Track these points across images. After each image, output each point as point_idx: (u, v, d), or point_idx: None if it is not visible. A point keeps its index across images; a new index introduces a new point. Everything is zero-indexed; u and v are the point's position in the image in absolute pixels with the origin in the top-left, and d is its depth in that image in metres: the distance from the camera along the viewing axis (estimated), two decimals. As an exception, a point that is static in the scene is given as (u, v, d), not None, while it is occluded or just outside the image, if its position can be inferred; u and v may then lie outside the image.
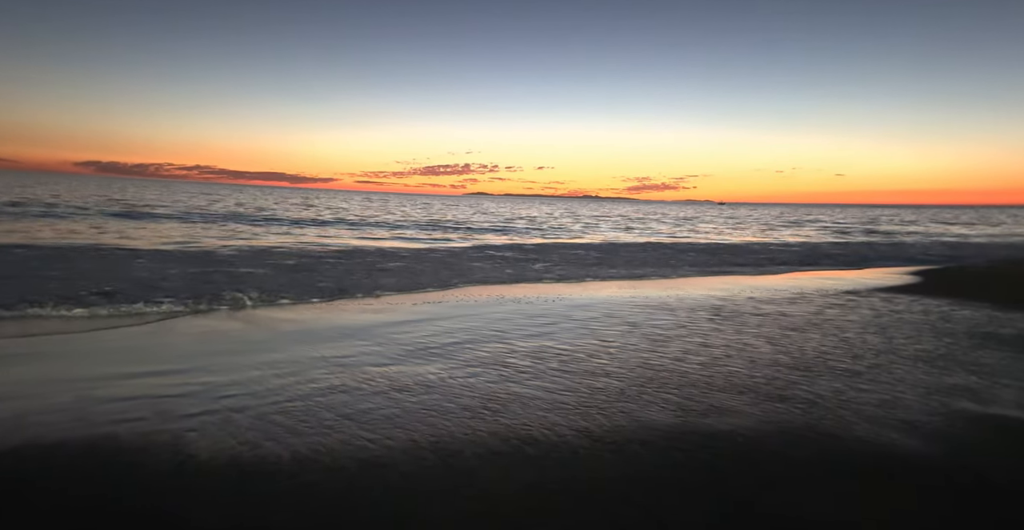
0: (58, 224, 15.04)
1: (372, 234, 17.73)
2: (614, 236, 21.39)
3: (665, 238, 21.39)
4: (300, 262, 10.66)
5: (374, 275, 9.45)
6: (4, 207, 19.45)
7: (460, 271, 10.12)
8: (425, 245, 15.26)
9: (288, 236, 15.91)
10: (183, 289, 7.15)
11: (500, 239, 17.86)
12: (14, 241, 11.06)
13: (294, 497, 2.43)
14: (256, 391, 3.59)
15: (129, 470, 2.54)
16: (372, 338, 5.14)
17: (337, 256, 11.94)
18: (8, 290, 6.33)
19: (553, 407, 3.54)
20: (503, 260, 11.92)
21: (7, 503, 2.25)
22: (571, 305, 7.10)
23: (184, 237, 14.13)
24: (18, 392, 3.36)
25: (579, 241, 18.42)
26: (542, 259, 12.28)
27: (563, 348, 4.96)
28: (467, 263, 11.28)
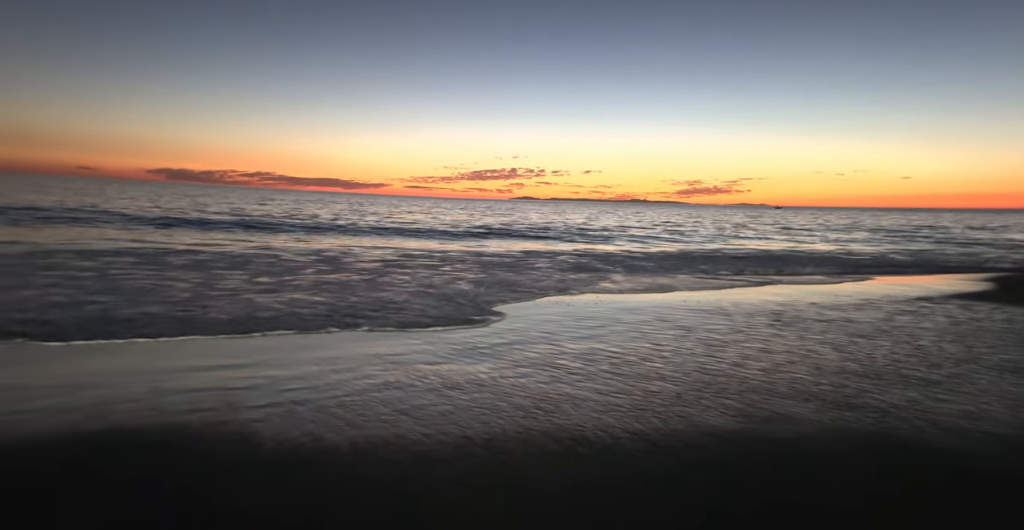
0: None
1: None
2: (664, 241, 20.95)
3: (719, 244, 20.76)
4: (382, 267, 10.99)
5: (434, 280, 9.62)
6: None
7: (509, 280, 10.17)
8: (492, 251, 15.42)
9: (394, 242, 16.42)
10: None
11: (564, 246, 17.84)
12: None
13: (352, 487, 2.49)
14: (316, 385, 3.71)
15: (200, 458, 2.67)
16: (422, 337, 5.21)
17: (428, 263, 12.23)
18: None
19: (606, 409, 3.49)
20: (555, 266, 11.88)
21: (94, 484, 2.40)
22: (619, 308, 6.98)
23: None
24: (100, 381, 3.60)
25: (625, 247, 18.13)
26: (587, 265, 12.15)
27: (614, 351, 4.88)
28: (524, 267, 11.33)
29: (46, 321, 4.85)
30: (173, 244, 11.61)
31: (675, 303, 7.51)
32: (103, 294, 6.13)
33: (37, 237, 11.30)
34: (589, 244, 18.10)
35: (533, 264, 11.57)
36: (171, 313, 5.42)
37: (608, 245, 18.07)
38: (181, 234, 14.02)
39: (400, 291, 7.46)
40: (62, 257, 8.76)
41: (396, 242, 15.66)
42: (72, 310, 5.29)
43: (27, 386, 3.42)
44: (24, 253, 8.97)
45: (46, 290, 6.16)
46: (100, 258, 8.85)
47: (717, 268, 12.27)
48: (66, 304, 5.54)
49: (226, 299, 6.27)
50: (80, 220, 15.25)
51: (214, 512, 2.24)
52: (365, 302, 6.56)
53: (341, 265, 10.01)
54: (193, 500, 2.31)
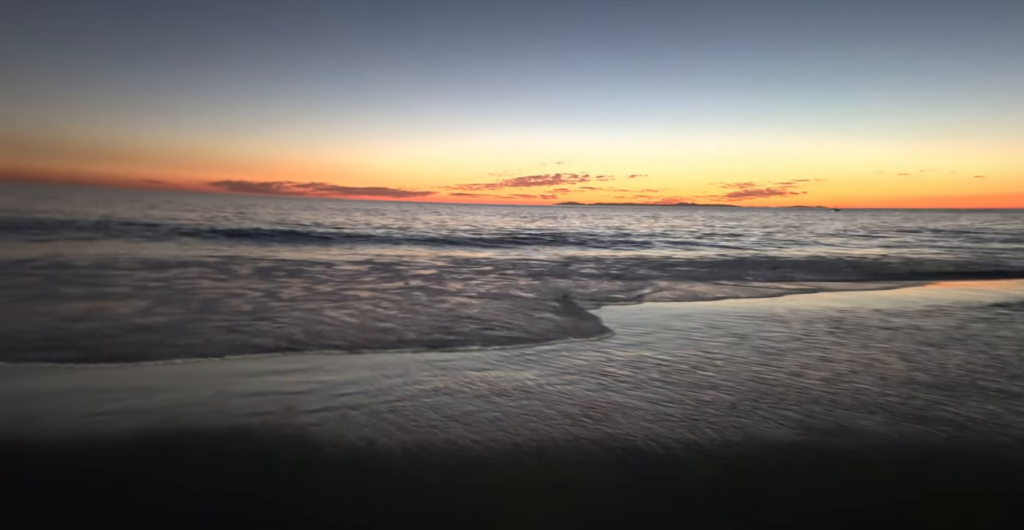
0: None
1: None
2: (710, 246, 20.39)
3: (770, 248, 20.03)
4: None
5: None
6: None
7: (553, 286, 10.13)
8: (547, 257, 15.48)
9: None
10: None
11: (596, 252, 17.69)
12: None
13: (405, 491, 2.54)
14: (368, 390, 3.80)
15: (263, 459, 2.78)
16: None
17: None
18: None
19: (657, 418, 3.41)
20: (598, 273, 11.76)
21: (167, 482, 2.54)
22: (666, 315, 6.83)
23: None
24: (171, 385, 3.80)
25: (670, 252, 17.75)
26: (631, 272, 11.96)
27: (663, 358, 4.77)
28: (563, 275, 11.28)
29: (118, 334, 5.18)
30: (260, 258, 12.16)
31: (725, 310, 7.29)
32: (174, 304, 6.49)
33: (118, 249, 12.08)
34: (633, 250, 17.82)
35: (577, 270, 11.48)
36: (238, 328, 5.67)
37: (652, 250, 17.74)
38: (272, 247, 14.68)
39: (453, 305, 7.56)
40: (125, 268, 9.33)
41: (445, 251, 15.88)
42: (146, 319, 5.63)
43: (103, 389, 3.65)
44: (97, 264, 9.61)
45: (124, 300, 6.59)
46: (170, 269, 9.38)
47: (768, 273, 11.83)
48: (140, 315, 5.90)
49: (297, 313, 6.51)
50: (151, 233, 16.22)
51: (276, 513, 2.32)
52: (434, 316, 6.68)
53: (399, 274, 10.23)
54: (256, 501, 2.41)
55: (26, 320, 5.26)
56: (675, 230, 30.69)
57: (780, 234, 29.02)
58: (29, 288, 6.93)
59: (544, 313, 6.70)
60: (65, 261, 9.61)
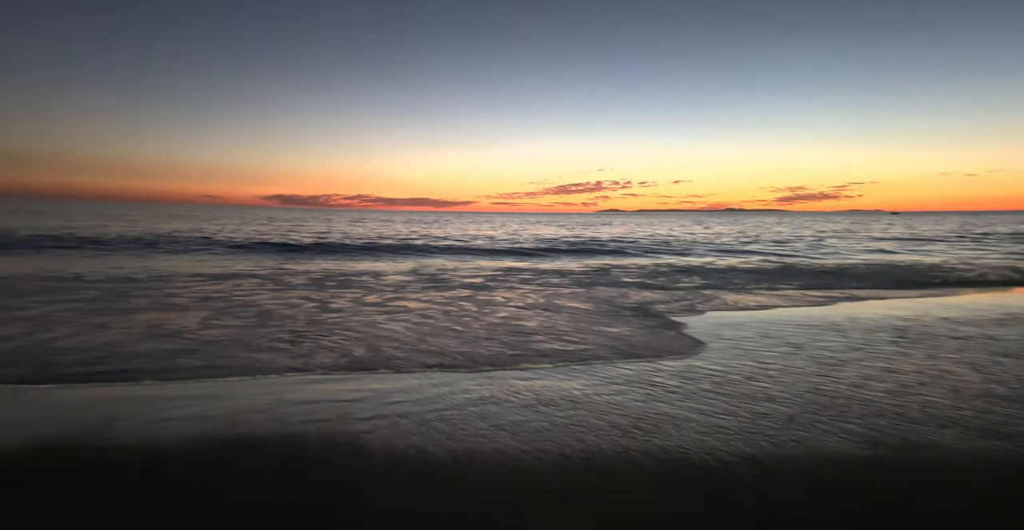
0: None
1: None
2: (758, 253, 19.75)
3: (823, 254, 19.24)
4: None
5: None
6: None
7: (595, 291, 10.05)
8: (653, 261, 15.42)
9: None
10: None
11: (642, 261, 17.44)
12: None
13: (454, 498, 2.55)
14: (417, 398, 3.85)
15: (318, 465, 2.85)
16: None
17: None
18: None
19: (710, 430, 3.32)
20: (639, 282, 11.58)
21: (230, 486, 2.65)
22: (715, 323, 6.64)
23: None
24: (232, 393, 3.97)
25: (715, 260, 17.29)
26: (673, 280, 11.71)
27: (714, 368, 4.64)
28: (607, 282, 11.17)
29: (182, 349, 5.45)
30: (312, 270, 12.60)
31: (778, 318, 7.03)
32: (230, 317, 6.79)
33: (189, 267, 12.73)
34: (676, 257, 17.46)
35: (618, 280, 11.34)
36: (295, 343, 5.86)
37: (696, 258, 17.33)
38: (329, 259, 15.23)
39: (502, 317, 7.59)
40: (186, 282, 9.81)
41: (489, 261, 16.00)
42: (207, 331, 5.91)
43: (167, 397, 3.83)
44: (157, 277, 10.16)
45: (191, 315, 6.93)
46: (229, 281, 9.82)
47: (820, 281, 11.35)
48: (202, 329, 6.20)
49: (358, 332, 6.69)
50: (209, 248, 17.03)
51: (332, 518, 2.38)
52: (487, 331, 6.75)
53: (446, 284, 10.37)
54: (313, 505, 2.47)
55: (95, 335, 5.60)
56: (720, 236, 29.91)
57: (833, 239, 27.84)
58: (96, 302, 7.38)
59: (589, 323, 6.64)
60: (130, 275, 10.20)
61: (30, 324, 5.73)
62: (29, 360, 4.50)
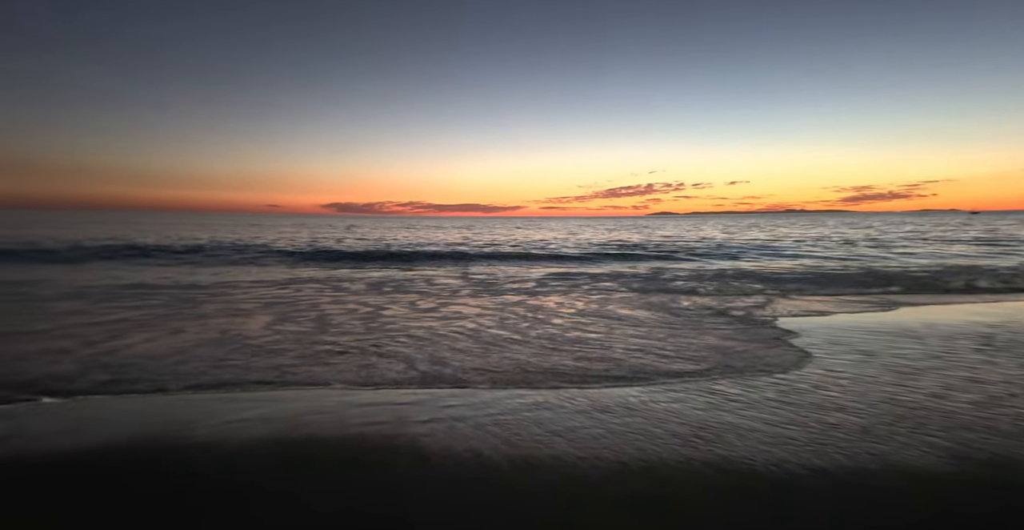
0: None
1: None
2: (818, 257, 18.82)
3: (892, 257, 18.12)
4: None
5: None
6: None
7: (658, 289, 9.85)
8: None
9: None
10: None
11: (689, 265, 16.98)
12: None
13: (510, 504, 2.54)
14: (472, 403, 3.88)
15: (378, 467, 2.91)
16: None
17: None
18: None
19: (777, 441, 3.17)
20: (692, 287, 11.26)
21: (295, 486, 2.74)
22: (781, 330, 6.36)
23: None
24: (297, 394, 4.12)
25: (770, 264, 16.58)
26: (729, 286, 11.31)
27: (781, 376, 4.44)
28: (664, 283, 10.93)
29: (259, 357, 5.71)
30: (369, 277, 13.00)
31: (845, 324, 6.66)
32: (292, 323, 7.07)
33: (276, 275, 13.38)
34: (730, 261, 16.88)
35: (668, 285, 11.06)
36: (358, 353, 6.04)
37: (750, 261, 16.70)
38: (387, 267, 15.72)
39: (557, 327, 7.57)
40: (254, 290, 10.28)
41: (536, 268, 15.98)
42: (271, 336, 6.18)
43: (237, 398, 4.02)
44: (221, 284, 10.70)
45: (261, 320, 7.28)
46: (292, 286, 10.25)
47: (886, 284, 10.68)
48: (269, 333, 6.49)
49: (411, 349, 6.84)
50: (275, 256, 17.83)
51: (392, 520, 2.41)
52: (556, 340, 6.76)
53: (499, 290, 10.45)
54: (374, 508, 2.51)
55: (168, 343, 5.96)
56: (779, 239, 28.71)
57: (903, 241, 26.19)
58: (163, 308, 7.85)
59: (647, 330, 6.50)
60: (197, 282, 10.80)
61: (106, 331, 6.16)
62: (104, 369, 4.83)
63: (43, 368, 4.59)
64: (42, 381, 4.25)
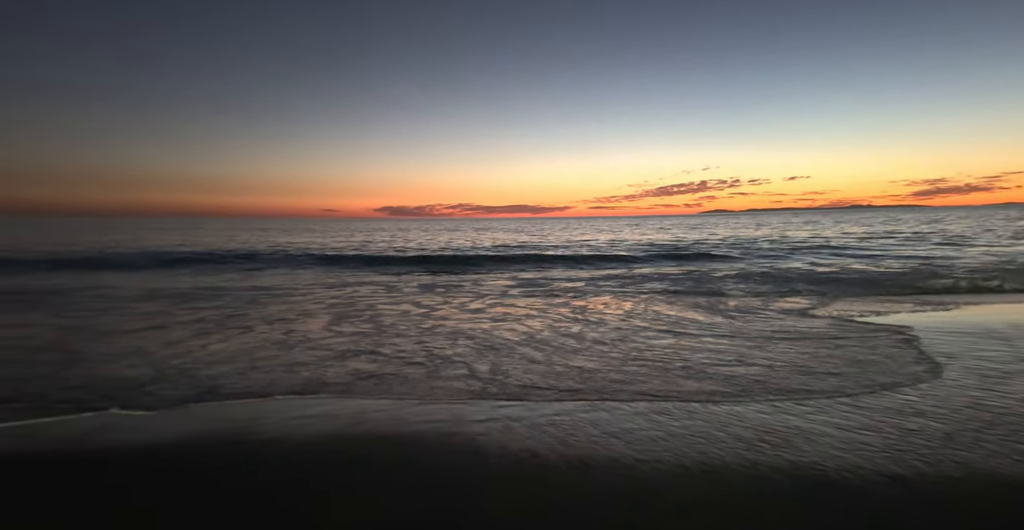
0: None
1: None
2: (881, 256, 17.74)
3: (967, 255, 16.88)
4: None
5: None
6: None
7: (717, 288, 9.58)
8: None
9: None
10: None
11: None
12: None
13: (569, 505, 2.52)
14: (526, 403, 3.89)
15: (437, 464, 2.96)
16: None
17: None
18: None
19: (850, 447, 3.01)
20: (744, 287, 10.87)
21: (356, 481, 2.83)
22: (852, 330, 6.03)
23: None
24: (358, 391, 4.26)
25: (829, 262, 15.75)
26: (783, 287, 10.84)
27: (853, 380, 4.21)
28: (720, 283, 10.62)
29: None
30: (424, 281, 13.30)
31: (921, 323, 6.24)
32: (351, 323, 7.30)
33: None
34: (783, 262, 16.17)
35: (720, 288, 10.71)
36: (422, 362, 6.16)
37: (809, 260, 15.92)
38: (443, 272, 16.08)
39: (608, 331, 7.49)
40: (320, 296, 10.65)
41: (584, 271, 15.83)
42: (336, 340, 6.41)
43: (303, 395, 4.19)
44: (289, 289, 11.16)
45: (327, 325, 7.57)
46: (348, 288, 10.60)
47: (962, 282, 9.93)
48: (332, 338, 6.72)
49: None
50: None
51: (452, 519, 2.45)
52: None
53: (553, 293, 10.45)
54: (433, 504, 2.56)
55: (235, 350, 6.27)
56: (842, 236, 27.27)
57: (980, 235, 24.31)
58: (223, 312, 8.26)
59: (697, 334, 6.33)
60: (262, 286, 11.32)
61: (190, 331, 6.55)
62: (185, 379, 5.14)
63: (122, 373, 4.93)
64: (119, 391, 4.57)
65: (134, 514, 2.51)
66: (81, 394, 4.12)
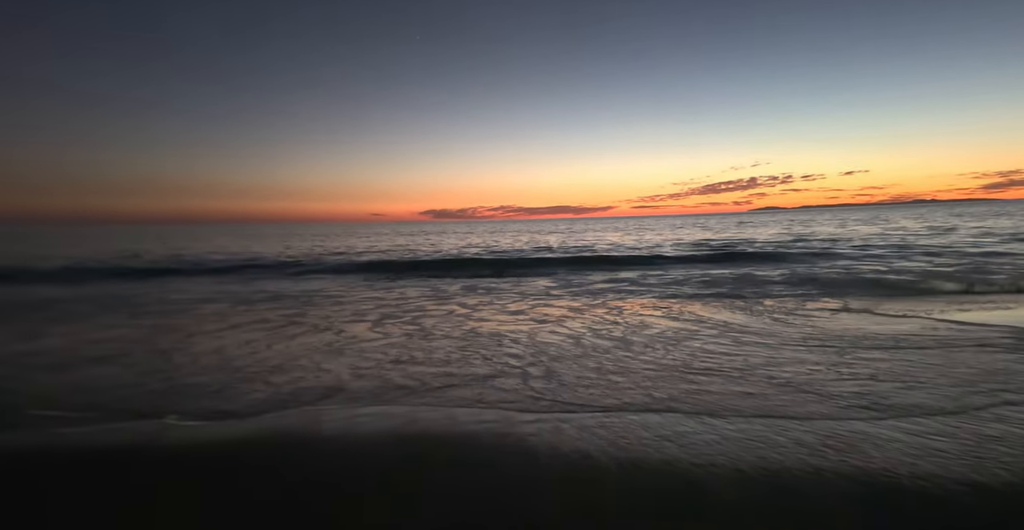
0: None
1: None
2: (949, 253, 16.68)
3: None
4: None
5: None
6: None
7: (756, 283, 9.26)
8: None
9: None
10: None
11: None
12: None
13: (624, 508, 2.49)
14: (575, 405, 3.86)
15: (490, 464, 2.98)
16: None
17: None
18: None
19: (923, 453, 2.84)
20: (790, 291, 10.44)
21: (407, 479, 2.87)
22: (935, 329, 5.70)
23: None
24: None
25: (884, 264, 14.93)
26: (839, 290, 10.35)
27: (921, 380, 3.98)
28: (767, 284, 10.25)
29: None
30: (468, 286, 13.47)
31: (1002, 321, 5.84)
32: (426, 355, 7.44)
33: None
34: (838, 260, 15.43)
35: (766, 290, 10.32)
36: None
37: (851, 262, 15.14)
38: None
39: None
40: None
41: (625, 271, 15.60)
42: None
43: (356, 390, 4.30)
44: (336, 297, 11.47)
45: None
46: (401, 290, 10.82)
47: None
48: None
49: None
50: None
51: (508, 517, 2.45)
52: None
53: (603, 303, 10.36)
54: (488, 504, 2.57)
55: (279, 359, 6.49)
56: (902, 233, 25.84)
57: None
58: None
59: (733, 343, 6.14)
60: (308, 290, 11.69)
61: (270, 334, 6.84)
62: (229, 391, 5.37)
63: (185, 381, 5.19)
64: (177, 401, 4.81)
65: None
66: (148, 399, 4.37)
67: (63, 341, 6.43)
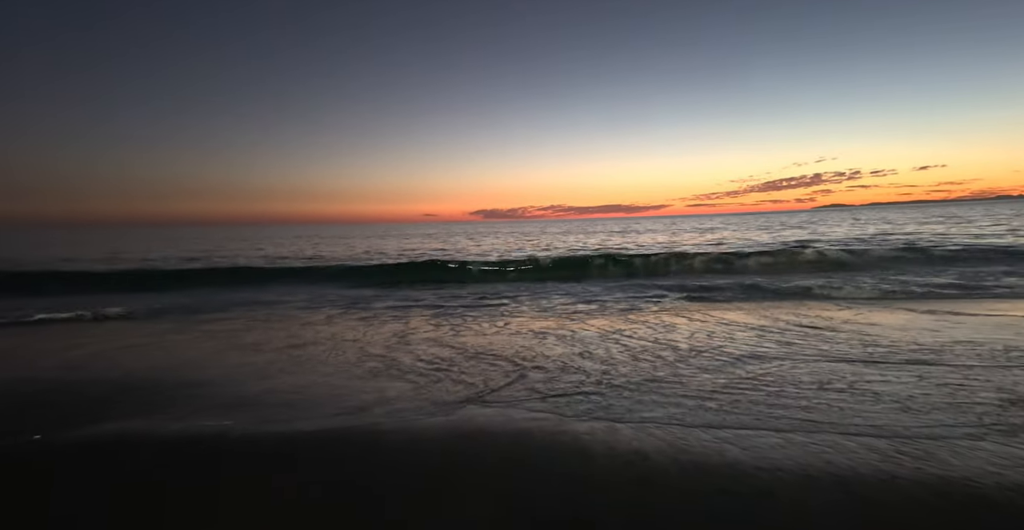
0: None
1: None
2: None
3: None
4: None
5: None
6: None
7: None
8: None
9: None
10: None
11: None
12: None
13: (686, 512, 2.43)
14: (627, 404, 3.82)
15: (546, 464, 2.97)
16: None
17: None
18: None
19: (1009, 463, 2.67)
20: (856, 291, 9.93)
21: (459, 476, 2.91)
22: (991, 325, 5.34)
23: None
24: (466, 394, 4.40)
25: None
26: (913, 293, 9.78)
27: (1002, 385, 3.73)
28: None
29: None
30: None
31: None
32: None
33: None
34: (910, 265, 14.58)
35: (830, 294, 9.87)
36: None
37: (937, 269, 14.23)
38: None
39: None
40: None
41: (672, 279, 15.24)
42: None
43: (419, 386, 4.39)
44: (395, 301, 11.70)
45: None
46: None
47: None
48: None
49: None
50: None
51: (563, 517, 2.45)
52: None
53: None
54: (543, 503, 2.57)
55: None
56: (993, 232, 24.21)
57: None
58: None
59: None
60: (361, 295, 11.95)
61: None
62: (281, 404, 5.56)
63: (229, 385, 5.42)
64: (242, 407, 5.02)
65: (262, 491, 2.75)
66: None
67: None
